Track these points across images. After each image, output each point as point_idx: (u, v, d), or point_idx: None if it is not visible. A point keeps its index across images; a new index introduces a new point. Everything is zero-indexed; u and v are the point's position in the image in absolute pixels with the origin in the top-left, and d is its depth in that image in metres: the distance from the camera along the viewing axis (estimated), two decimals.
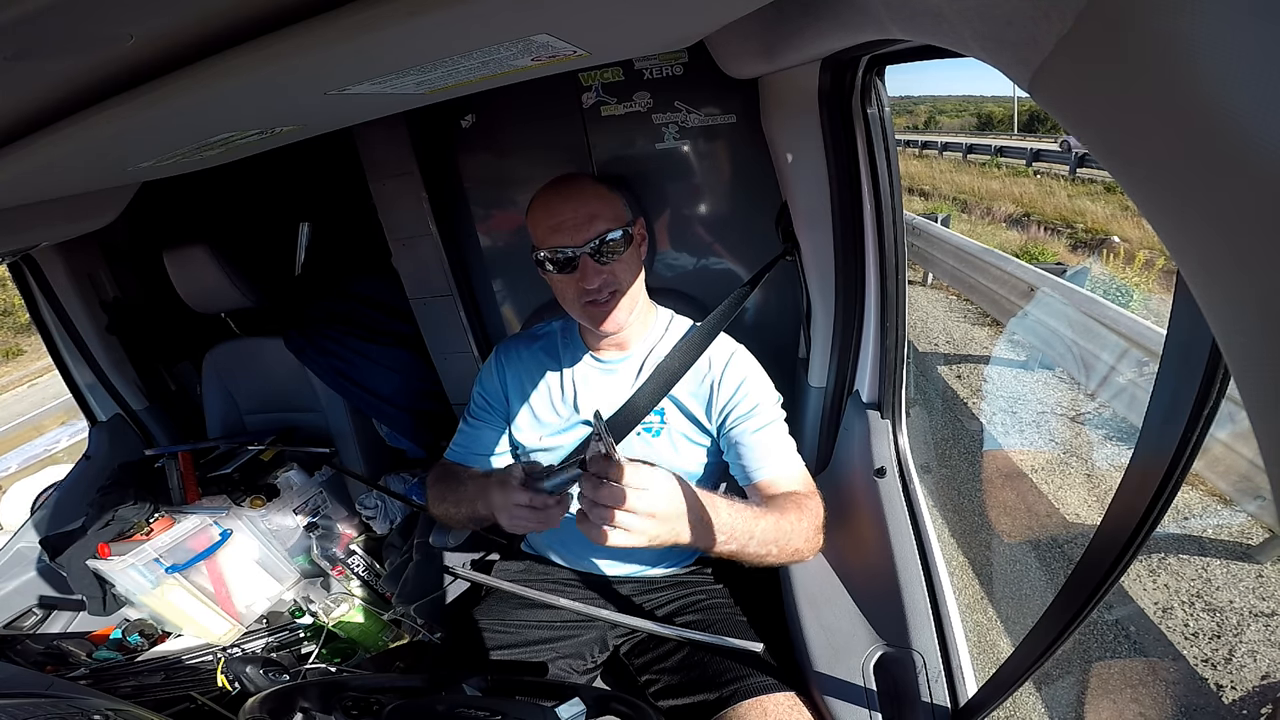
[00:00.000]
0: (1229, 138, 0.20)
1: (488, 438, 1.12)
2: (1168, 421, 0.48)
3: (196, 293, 1.62)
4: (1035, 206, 11.36)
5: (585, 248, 0.92)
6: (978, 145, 19.03)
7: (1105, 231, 9.02)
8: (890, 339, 1.08)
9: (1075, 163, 13.52)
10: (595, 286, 0.94)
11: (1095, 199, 10.95)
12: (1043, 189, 12.66)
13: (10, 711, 0.76)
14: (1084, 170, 12.98)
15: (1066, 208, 10.88)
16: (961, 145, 19.86)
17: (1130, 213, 9.25)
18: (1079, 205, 10.76)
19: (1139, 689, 2.15)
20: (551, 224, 0.93)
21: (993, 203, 12.52)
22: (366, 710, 0.77)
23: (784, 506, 0.90)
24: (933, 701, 0.80)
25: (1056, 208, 11.03)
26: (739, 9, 0.59)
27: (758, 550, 0.84)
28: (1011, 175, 15.00)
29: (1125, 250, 6.89)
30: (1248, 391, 0.23)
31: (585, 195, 0.95)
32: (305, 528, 1.67)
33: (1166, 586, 2.50)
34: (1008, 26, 0.31)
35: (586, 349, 1.08)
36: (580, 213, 0.92)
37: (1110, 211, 9.86)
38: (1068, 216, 10.37)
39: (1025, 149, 16.76)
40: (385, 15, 0.36)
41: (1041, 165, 15.13)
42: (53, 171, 0.65)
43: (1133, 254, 6.34)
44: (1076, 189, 12.31)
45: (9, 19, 0.30)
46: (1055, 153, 15.14)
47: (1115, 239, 8.22)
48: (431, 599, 1.33)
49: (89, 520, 1.52)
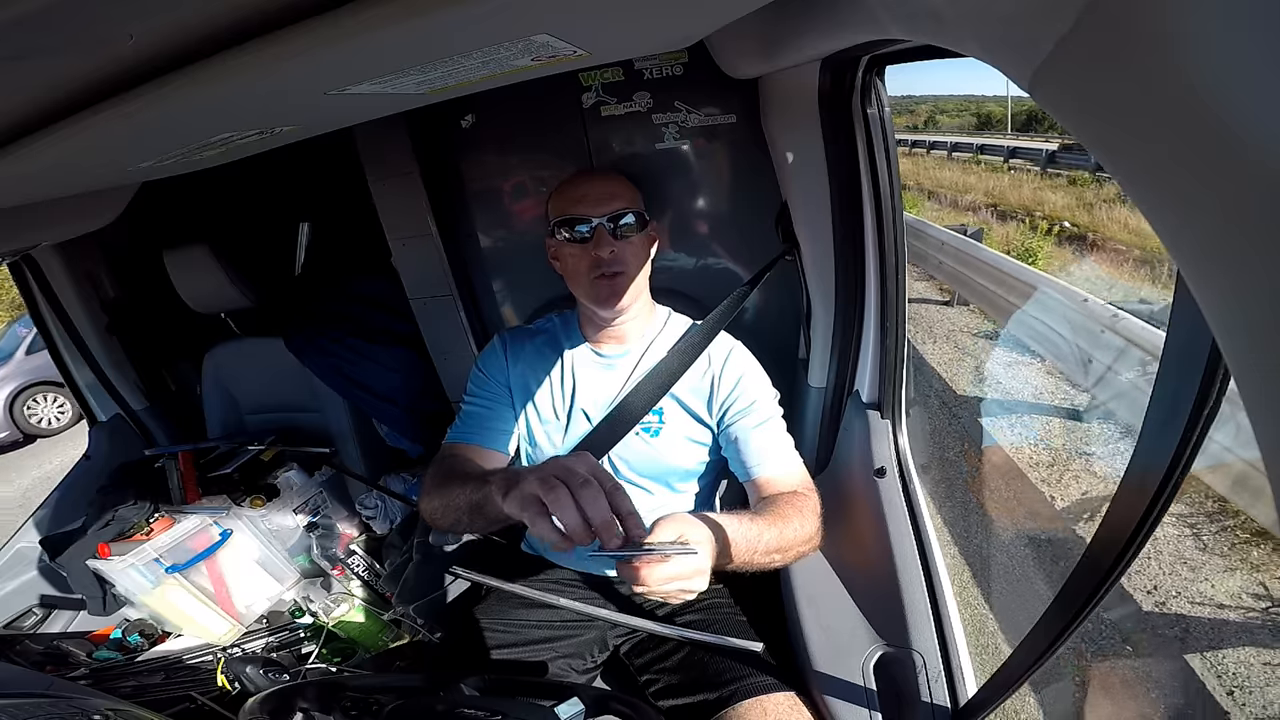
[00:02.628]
0: (1229, 137, 0.20)
1: (496, 415, 1.08)
2: (1167, 422, 0.48)
3: (196, 293, 1.62)
4: (1002, 198, 12.74)
5: (604, 218, 0.98)
6: (961, 144, 20.88)
7: (1059, 218, 10.15)
8: (890, 339, 1.08)
9: (1045, 160, 15.10)
10: (605, 257, 0.97)
11: (1056, 191, 12.47)
12: (1014, 183, 14.06)
13: (10, 711, 0.76)
14: (1053, 167, 14.59)
15: (1030, 199, 12.23)
16: (947, 144, 21.55)
17: (1083, 203, 10.82)
18: (1040, 196, 12.18)
19: (1136, 689, 2.15)
20: (576, 195, 1.00)
21: (963, 194, 13.93)
22: (366, 710, 0.76)
23: (785, 513, 0.90)
24: (933, 701, 0.80)
25: (1020, 199, 12.41)
26: (739, 9, 0.58)
27: (764, 560, 0.85)
28: (989, 171, 16.56)
29: (1047, 224, 8.72)
30: (1248, 391, 0.23)
31: (610, 178, 1.04)
32: (305, 528, 1.67)
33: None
34: (1007, 26, 0.31)
35: (585, 341, 1.09)
36: (604, 189, 1.00)
37: (1066, 202, 11.30)
38: (1028, 206, 11.79)
39: (1003, 147, 18.29)
40: (385, 15, 0.36)
41: (1017, 162, 16.66)
42: (53, 171, 0.65)
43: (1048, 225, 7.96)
44: (1043, 183, 13.76)
45: (9, 19, 0.30)
46: (1030, 149, 16.89)
47: (1067, 223, 9.65)
48: (431, 599, 1.33)
49: (89, 520, 1.52)
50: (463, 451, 1.04)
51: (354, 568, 1.64)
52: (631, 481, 1.07)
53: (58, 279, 1.66)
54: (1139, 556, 0.55)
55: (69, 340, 1.74)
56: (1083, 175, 12.56)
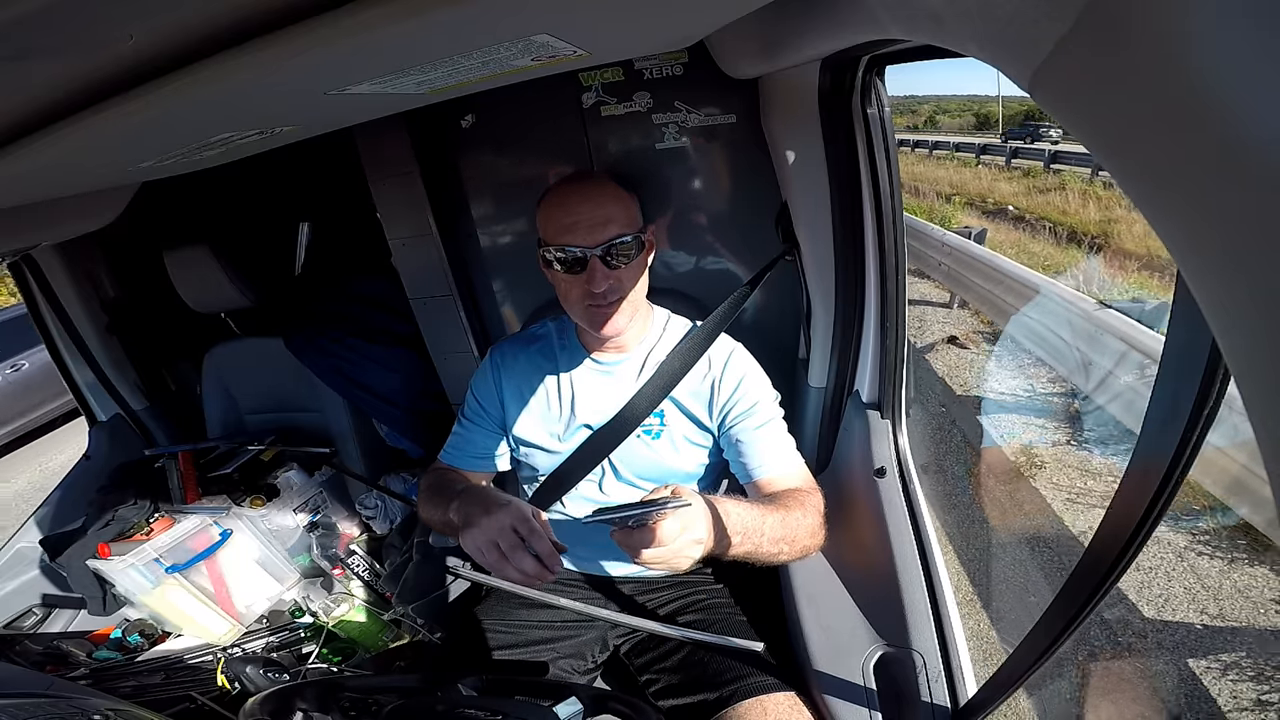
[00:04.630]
0: (1229, 137, 0.20)
1: (482, 440, 1.10)
2: (1168, 422, 0.48)
3: (197, 293, 1.62)
4: (963, 188, 14.61)
5: (597, 250, 0.90)
6: (940, 142, 23.82)
7: (1005, 204, 12.24)
8: (890, 339, 1.08)
9: (1009, 155, 17.30)
10: (601, 290, 0.92)
11: (1011, 182, 14.54)
12: (975, 175, 16.22)
13: (10, 711, 0.76)
14: (1017, 161, 16.80)
15: (986, 189, 14.24)
16: (928, 142, 24.46)
17: (1034, 190, 12.89)
18: (995, 186, 14.31)
19: (1134, 689, 2.15)
20: (567, 221, 0.91)
21: (932, 185, 15.65)
22: (366, 710, 0.77)
23: (788, 504, 0.90)
24: (933, 701, 0.80)
25: (978, 188, 14.39)
26: (739, 9, 0.59)
27: (770, 549, 0.84)
28: (960, 165, 18.73)
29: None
30: (1248, 391, 0.23)
31: (604, 196, 0.93)
32: (305, 528, 1.67)
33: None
34: (1007, 27, 0.31)
35: (585, 351, 1.07)
36: (597, 214, 0.91)
37: (1016, 190, 13.45)
38: (984, 194, 13.78)
39: (974, 144, 21.19)
40: (385, 15, 0.36)
41: (986, 158, 18.88)
42: (53, 171, 0.65)
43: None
44: (1001, 175, 15.80)
45: (9, 19, 0.30)
46: (998, 146, 19.40)
47: (1010, 208, 11.70)
48: (431, 599, 1.33)
49: (89, 520, 1.52)
50: (449, 471, 1.11)
51: (354, 568, 1.64)
52: (631, 483, 1.07)
53: (58, 279, 1.66)
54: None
55: (69, 340, 1.74)
56: (1036, 168, 14.97)
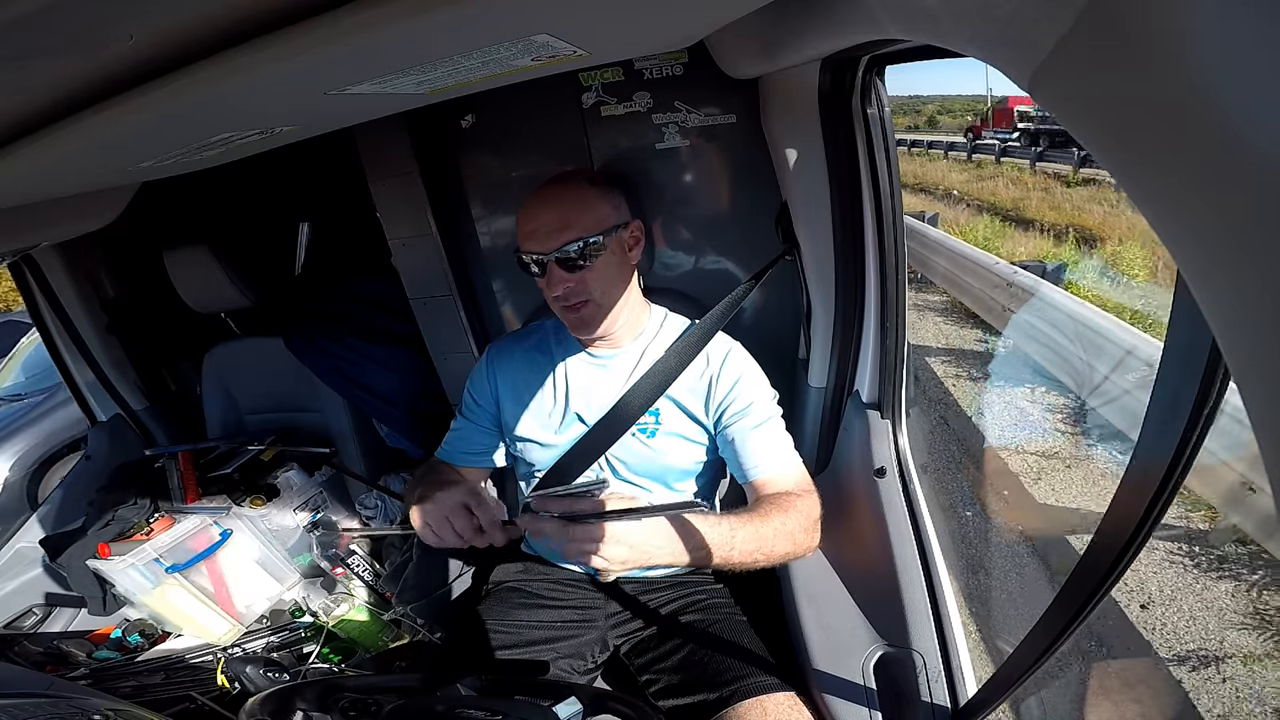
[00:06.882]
0: (1228, 136, 0.20)
1: (477, 437, 1.12)
2: (1168, 422, 0.48)
3: (197, 293, 1.62)
4: (923, 178, 16.08)
5: (551, 255, 0.94)
6: (918, 140, 25.75)
7: (952, 189, 13.76)
8: (890, 339, 1.08)
9: (969, 150, 19.11)
10: (559, 294, 0.96)
11: (963, 172, 16.27)
12: (935, 168, 17.94)
13: (10, 711, 0.76)
14: (976, 155, 18.43)
15: (938, 178, 15.81)
16: (906, 140, 26.21)
17: (983, 179, 14.51)
18: (948, 176, 15.86)
19: (1133, 689, 2.15)
20: (528, 228, 0.96)
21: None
22: (365, 711, 0.77)
23: (766, 512, 0.90)
24: (933, 701, 0.80)
25: (933, 178, 15.96)
26: (739, 9, 0.59)
27: (742, 560, 0.85)
28: (928, 160, 20.70)
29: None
30: (1248, 391, 0.23)
31: (564, 201, 0.96)
32: (305, 527, 1.67)
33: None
34: (1007, 27, 0.31)
35: (580, 345, 1.08)
36: (553, 221, 0.94)
37: (965, 179, 14.96)
38: (935, 181, 15.42)
39: (942, 141, 23.47)
40: (385, 15, 0.36)
41: (953, 154, 20.75)
42: (53, 171, 0.65)
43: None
44: (958, 167, 17.55)
45: (9, 19, 0.30)
46: (964, 144, 21.08)
47: (955, 192, 13.13)
48: (431, 599, 1.33)
49: (89, 520, 1.52)
50: (443, 465, 1.13)
51: (354, 568, 1.64)
52: (629, 481, 1.07)
53: (58, 279, 1.66)
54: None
55: (69, 340, 1.74)
56: (988, 161, 16.83)
